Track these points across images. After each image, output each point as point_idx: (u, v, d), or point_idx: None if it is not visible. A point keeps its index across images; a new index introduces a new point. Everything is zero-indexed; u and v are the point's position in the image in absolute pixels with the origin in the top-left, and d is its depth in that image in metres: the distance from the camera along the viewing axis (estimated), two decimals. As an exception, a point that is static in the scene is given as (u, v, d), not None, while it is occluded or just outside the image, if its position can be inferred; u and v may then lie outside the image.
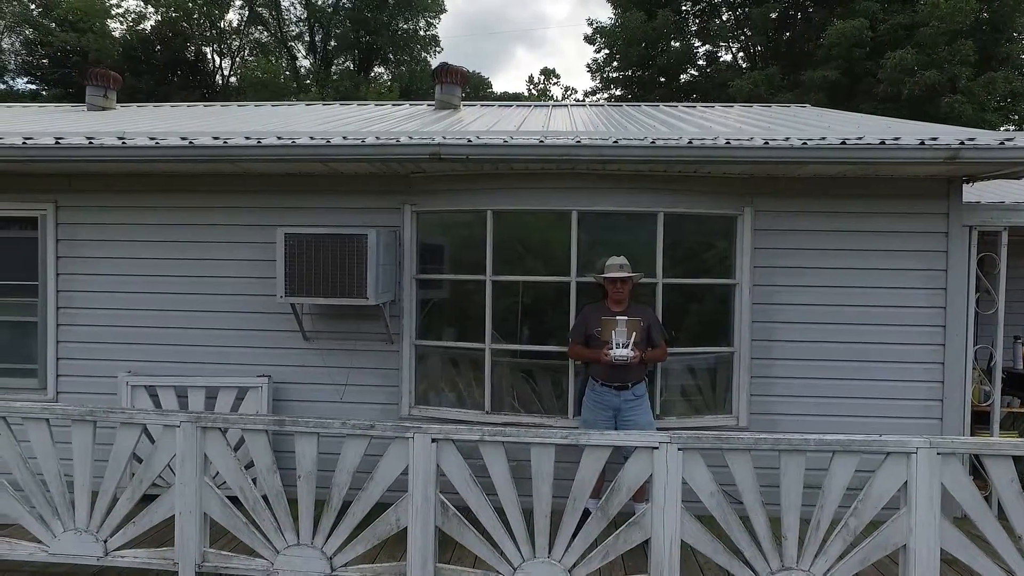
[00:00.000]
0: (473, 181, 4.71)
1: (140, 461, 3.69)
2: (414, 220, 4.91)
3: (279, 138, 4.55)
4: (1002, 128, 16.19)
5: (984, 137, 4.28)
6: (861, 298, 4.71)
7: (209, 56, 30.54)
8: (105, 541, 3.63)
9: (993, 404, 4.79)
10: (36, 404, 3.70)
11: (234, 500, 3.58)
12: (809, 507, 3.28)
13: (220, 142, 4.45)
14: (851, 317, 4.71)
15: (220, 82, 30.68)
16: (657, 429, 4.26)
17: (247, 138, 4.57)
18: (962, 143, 4.09)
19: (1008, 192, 6.02)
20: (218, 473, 3.62)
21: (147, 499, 3.61)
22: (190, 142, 4.45)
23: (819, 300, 4.72)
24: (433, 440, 3.43)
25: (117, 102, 8.27)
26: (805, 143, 4.18)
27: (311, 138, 4.54)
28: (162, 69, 27.27)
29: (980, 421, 4.88)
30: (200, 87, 29.21)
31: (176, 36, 27.78)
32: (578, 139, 4.33)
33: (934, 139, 4.22)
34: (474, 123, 6.04)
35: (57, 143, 4.50)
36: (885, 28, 14.48)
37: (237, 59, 31.48)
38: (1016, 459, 3.30)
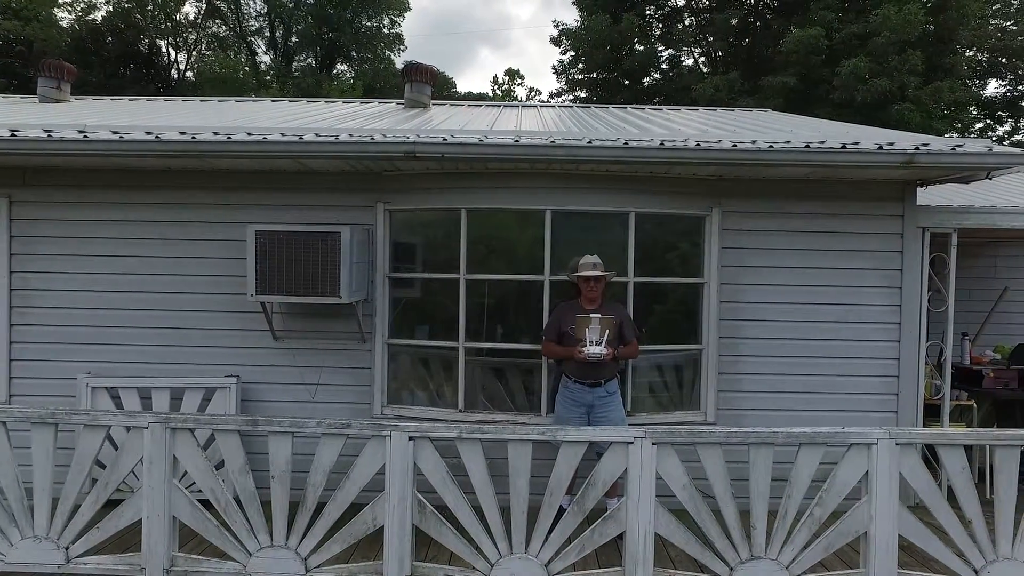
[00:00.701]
0: (447, 180, 4.71)
1: (102, 467, 3.59)
2: (387, 218, 4.88)
3: (249, 134, 4.48)
4: (947, 135, 16.95)
5: (937, 143, 4.49)
6: (822, 296, 4.88)
7: (164, 50, 29.62)
8: (67, 548, 3.51)
9: (944, 398, 5.03)
10: (-7, 407, 3.55)
11: (204, 502, 3.51)
12: (777, 498, 3.40)
13: (188, 137, 4.34)
14: (813, 315, 4.87)
15: (176, 77, 29.81)
16: (628, 425, 4.34)
17: (216, 133, 4.48)
18: (917, 148, 4.28)
19: (952, 196, 6.30)
20: (185, 474, 3.54)
21: (110, 504, 3.52)
22: (156, 137, 4.34)
23: (783, 298, 4.88)
24: (410, 438, 3.42)
25: (71, 95, 7.98)
26: (771, 146, 4.32)
27: (282, 135, 4.48)
28: (113, 62, 26.32)
29: (931, 414, 5.11)
30: (154, 81, 28.32)
31: (129, 28, 26.86)
32: (552, 139, 4.38)
33: (891, 144, 4.41)
34: (446, 122, 6.04)
35: (13, 135, 4.33)
36: (840, 37, 15.02)
37: (194, 53, 30.63)
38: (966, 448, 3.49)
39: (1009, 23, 20.53)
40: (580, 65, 21.62)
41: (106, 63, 25.76)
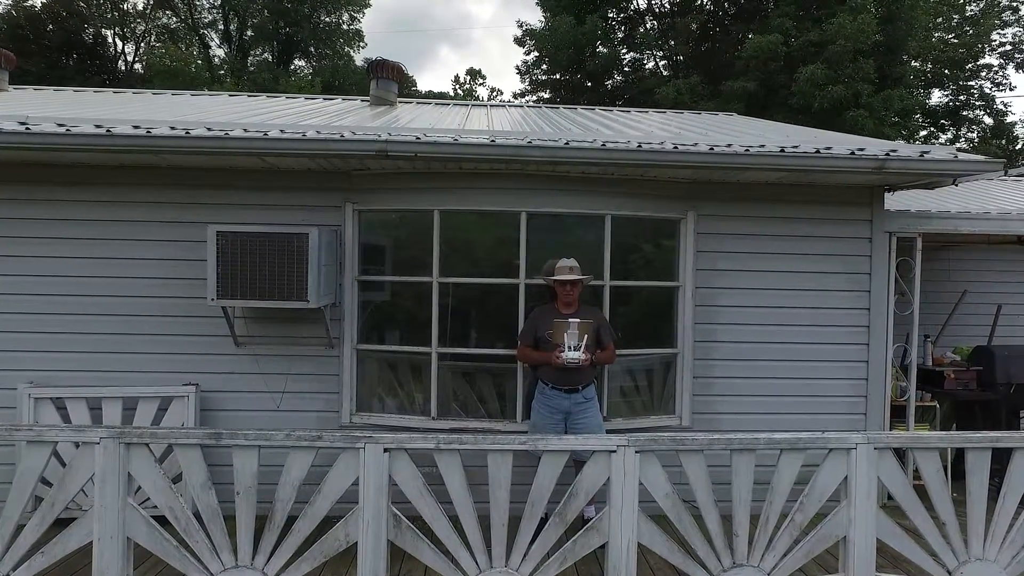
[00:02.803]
0: (419, 180, 4.56)
1: (48, 484, 3.32)
2: (356, 219, 4.70)
3: (209, 129, 4.24)
4: (896, 141, 17.56)
5: (905, 149, 4.57)
6: (793, 300, 4.92)
7: (110, 40, 28.43)
8: (7, 575, 3.23)
9: (909, 399, 5.13)
10: (-77, 423, 3.24)
11: (160, 519, 3.28)
12: (757, 502, 3.37)
13: (143, 132, 4.08)
14: (785, 318, 4.91)
15: (124, 68, 28.64)
16: (605, 431, 4.29)
17: (172, 128, 4.23)
18: (887, 154, 4.35)
19: (910, 203, 6.46)
20: (140, 489, 3.29)
21: (57, 525, 3.25)
22: (107, 130, 4.06)
23: (756, 302, 4.90)
24: (385, 450, 3.27)
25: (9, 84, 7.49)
26: (747, 150, 4.31)
27: (245, 130, 4.26)
28: (54, 51, 25.09)
29: (896, 415, 5.21)
30: (100, 73, 27.16)
31: (71, 16, 25.65)
32: (529, 139, 4.28)
33: (861, 149, 4.47)
34: (415, 120, 5.87)
35: (-55, 126, 3.99)
36: (797, 44, 15.41)
37: (142, 45, 29.48)
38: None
39: (951, 36, 21.51)
40: (544, 66, 21.62)
41: (46, 52, 24.55)
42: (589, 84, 20.42)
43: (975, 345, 5.72)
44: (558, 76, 20.95)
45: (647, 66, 20.90)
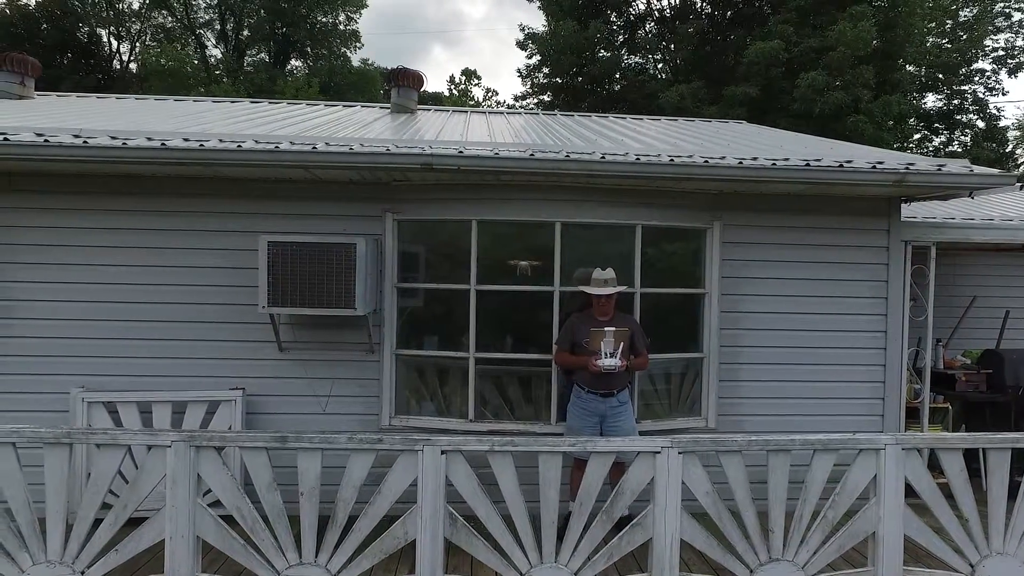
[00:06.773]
0: (458, 191, 4.73)
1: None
2: (395, 228, 4.85)
3: (257, 142, 4.38)
4: (893, 147, 17.85)
5: (923, 163, 4.77)
6: (815, 306, 5.12)
7: (105, 39, 28.32)
8: (82, 572, 3.37)
9: (923, 401, 5.35)
10: (2, 427, 3.38)
11: (227, 519, 3.44)
12: (791, 500, 3.57)
13: (196, 144, 4.22)
14: (806, 323, 5.11)
15: (119, 68, 28.55)
16: (637, 433, 4.48)
17: (221, 140, 4.37)
18: (907, 168, 4.55)
19: (919, 211, 6.69)
20: (208, 490, 3.45)
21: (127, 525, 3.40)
22: (162, 144, 4.20)
23: (779, 308, 5.09)
24: (442, 452, 3.44)
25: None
26: (774, 164, 4.51)
27: (292, 143, 4.40)
28: (49, 50, 24.96)
29: (909, 416, 5.43)
30: (95, 72, 27.07)
31: (66, 15, 25.55)
32: (567, 154, 4.46)
33: (881, 163, 4.66)
34: (444, 131, 6.03)
35: (6, 140, 4.11)
36: (798, 50, 15.65)
37: (138, 44, 29.39)
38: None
39: (945, 41, 21.88)
40: (545, 70, 21.77)
41: (41, 51, 24.37)
42: (589, 87, 20.59)
43: (984, 349, 5.95)
44: (559, 80, 21.11)
45: (648, 69, 21.09)
